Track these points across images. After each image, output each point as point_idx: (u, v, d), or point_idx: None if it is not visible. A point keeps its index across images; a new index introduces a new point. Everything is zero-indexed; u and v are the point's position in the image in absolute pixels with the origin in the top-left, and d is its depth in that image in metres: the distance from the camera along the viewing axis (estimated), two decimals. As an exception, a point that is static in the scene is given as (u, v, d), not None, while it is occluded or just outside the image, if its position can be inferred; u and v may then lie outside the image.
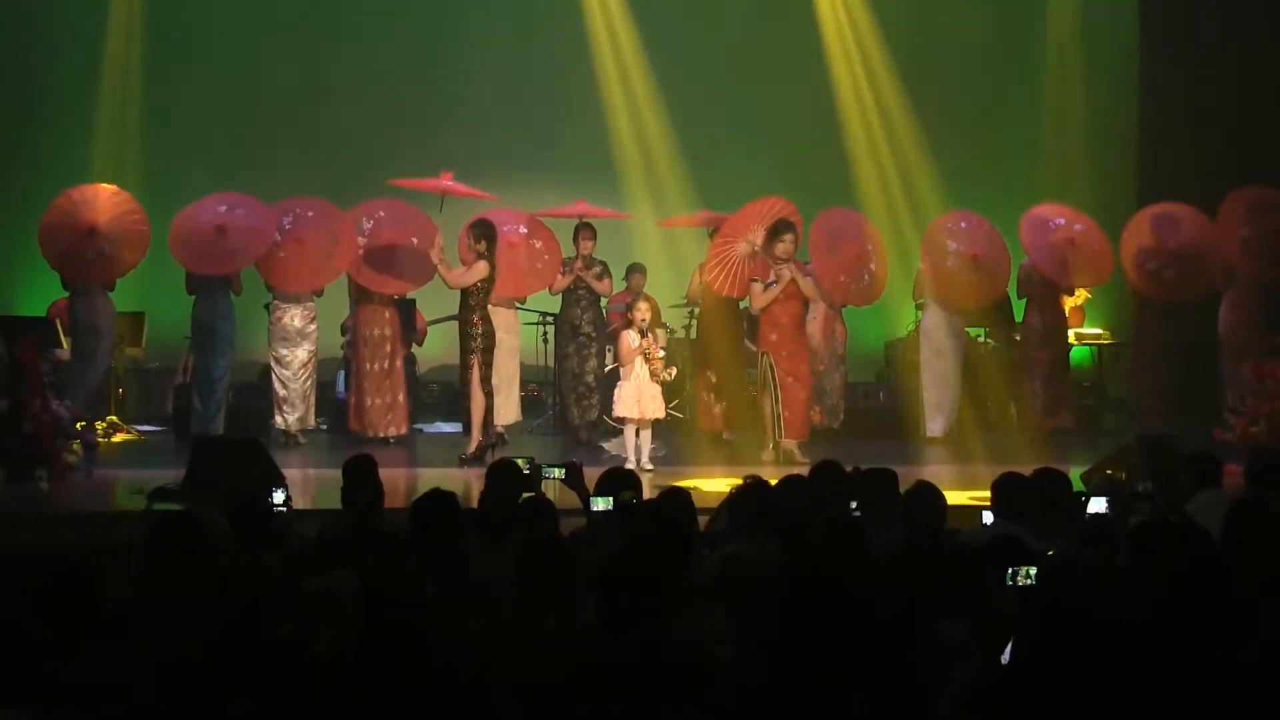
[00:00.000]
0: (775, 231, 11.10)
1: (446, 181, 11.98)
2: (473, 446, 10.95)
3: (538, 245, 12.32)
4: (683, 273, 13.16)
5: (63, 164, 13.23)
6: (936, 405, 12.41)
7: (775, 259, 11.13)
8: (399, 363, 12.19)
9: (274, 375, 12.04)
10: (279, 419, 12.01)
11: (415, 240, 11.99)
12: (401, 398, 12.18)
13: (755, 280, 11.31)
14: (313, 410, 12.29)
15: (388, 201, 12.29)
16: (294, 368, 12.05)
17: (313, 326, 12.15)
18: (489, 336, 11.03)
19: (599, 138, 13.91)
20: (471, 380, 10.95)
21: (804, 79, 14.07)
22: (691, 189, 13.65)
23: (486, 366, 11.02)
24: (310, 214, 12.08)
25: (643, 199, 13.85)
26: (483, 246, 11.02)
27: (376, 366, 12.08)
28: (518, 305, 12.43)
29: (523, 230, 12.27)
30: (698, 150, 13.92)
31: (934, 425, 12.36)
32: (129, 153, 13.80)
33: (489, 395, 11.01)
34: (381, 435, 12.01)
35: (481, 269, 10.95)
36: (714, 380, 12.03)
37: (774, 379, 11.18)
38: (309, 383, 12.16)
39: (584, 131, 14.11)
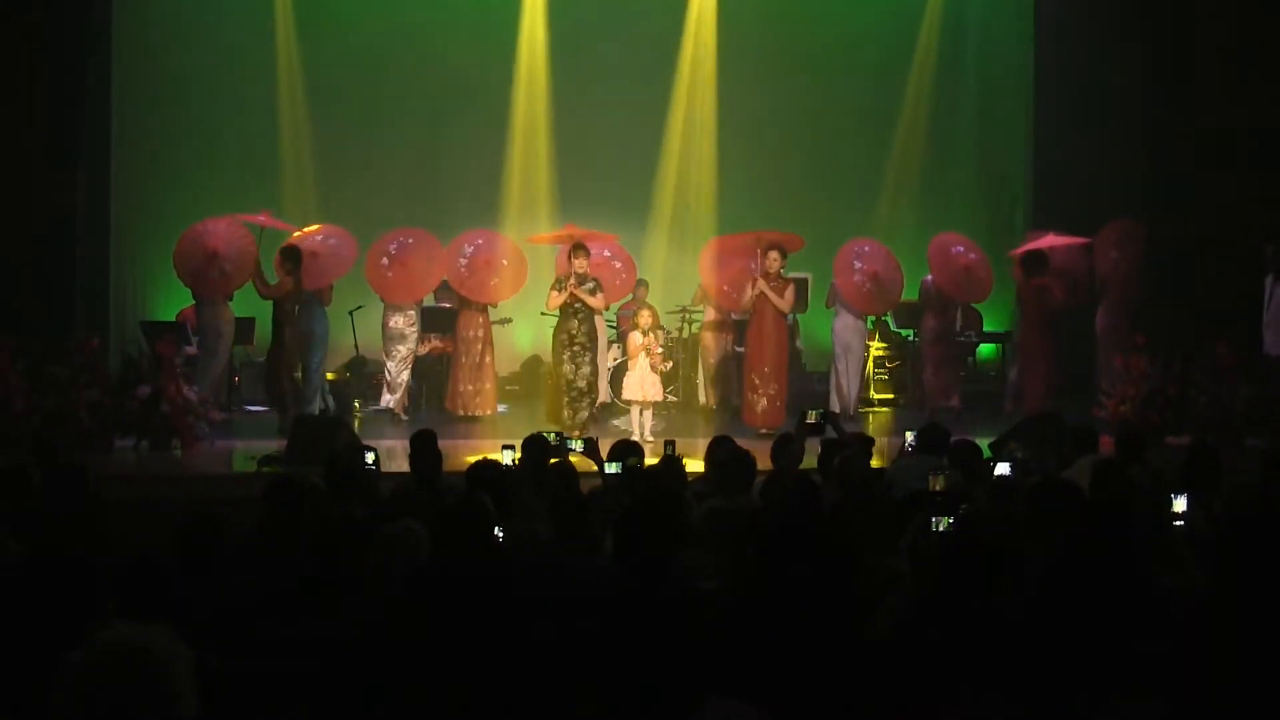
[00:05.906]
0: None
1: (264, 218, 11.72)
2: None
3: (618, 265, 12.18)
4: (677, 287, 13.07)
5: (185, 201, 13.10)
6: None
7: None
8: (487, 358, 11.97)
9: (386, 367, 11.94)
10: (385, 399, 11.93)
11: (505, 262, 11.90)
12: (489, 385, 11.93)
13: None
14: (410, 393, 12.17)
15: (483, 231, 12.17)
16: (397, 360, 11.95)
17: (413, 328, 12.05)
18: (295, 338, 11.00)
19: (601, 179, 13.73)
20: (283, 371, 10.89)
21: (762, 143, 14.01)
22: (683, 219, 13.61)
23: (293, 360, 11.00)
24: (410, 241, 11.95)
25: (642, 225, 13.71)
26: (289, 267, 10.96)
27: (469, 360, 11.93)
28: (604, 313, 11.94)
29: (606, 253, 12.04)
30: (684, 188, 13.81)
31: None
32: (259, 190, 13.63)
33: (293, 382, 11.00)
34: (472, 414, 11.83)
35: (288, 284, 10.91)
36: (757, 383, 11.04)
37: None
38: (408, 372, 12.07)
39: (587, 177, 13.81)
